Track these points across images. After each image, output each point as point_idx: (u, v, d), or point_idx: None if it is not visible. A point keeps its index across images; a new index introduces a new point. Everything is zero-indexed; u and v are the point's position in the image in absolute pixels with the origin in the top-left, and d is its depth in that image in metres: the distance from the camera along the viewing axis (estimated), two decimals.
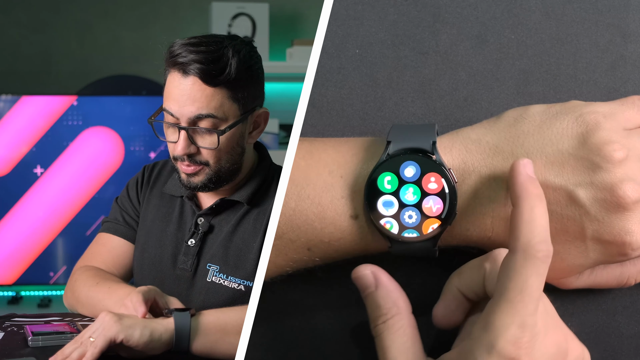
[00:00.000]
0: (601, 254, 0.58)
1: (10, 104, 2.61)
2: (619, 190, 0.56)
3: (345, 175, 0.61)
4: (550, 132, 0.58)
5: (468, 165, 0.60)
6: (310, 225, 0.61)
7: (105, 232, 1.30)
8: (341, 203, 0.60)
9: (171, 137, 1.15)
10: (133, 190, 1.31)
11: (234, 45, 1.12)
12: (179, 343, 0.96)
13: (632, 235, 0.57)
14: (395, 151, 0.60)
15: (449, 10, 0.68)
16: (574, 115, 0.59)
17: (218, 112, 1.11)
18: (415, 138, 0.60)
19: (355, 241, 0.61)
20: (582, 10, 0.67)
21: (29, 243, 2.64)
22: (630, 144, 0.58)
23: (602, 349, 0.64)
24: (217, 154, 1.14)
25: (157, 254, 1.22)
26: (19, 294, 2.72)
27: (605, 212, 0.56)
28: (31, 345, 1.00)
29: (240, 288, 1.15)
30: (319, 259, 0.62)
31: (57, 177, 2.64)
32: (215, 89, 1.10)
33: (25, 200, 2.63)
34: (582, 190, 0.57)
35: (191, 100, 1.10)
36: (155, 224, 1.25)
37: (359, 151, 0.62)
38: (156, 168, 1.33)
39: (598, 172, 0.56)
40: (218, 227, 1.20)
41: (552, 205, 0.57)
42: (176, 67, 1.10)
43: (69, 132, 2.64)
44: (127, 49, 2.95)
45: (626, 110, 0.60)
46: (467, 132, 0.61)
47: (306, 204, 0.61)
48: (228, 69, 1.10)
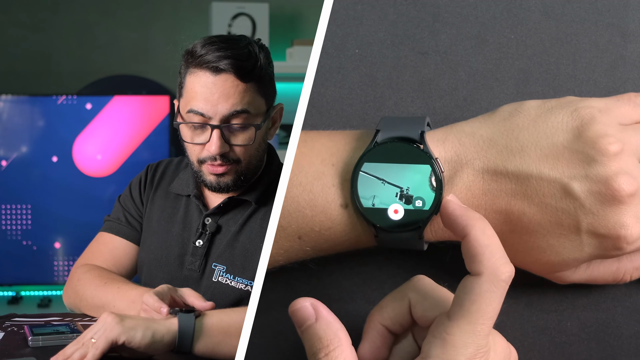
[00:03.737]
0: (596, 248, 0.58)
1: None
2: (614, 183, 0.56)
3: (336, 163, 0.61)
4: (545, 125, 0.58)
5: (461, 158, 0.59)
6: (301, 212, 0.61)
7: (107, 231, 1.30)
8: (332, 191, 0.60)
9: (198, 139, 1.14)
10: (136, 190, 1.31)
11: (253, 42, 1.15)
12: (182, 344, 0.95)
13: (627, 228, 0.56)
14: (383, 139, 0.60)
15: (449, 10, 0.68)
16: (569, 109, 0.59)
17: (251, 108, 1.12)
18: (404, 128, 0.60)
19: (345, 231, 0.61)
20: (581, 10, 0.67)
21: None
22: (626, 139, 0.57)
23: (602, 349, 0.64)
24: (249, 150, 1.14)
25: (163, 255, 1.22)
26: (19, 294, 2.72)
27: (600, 205, 0.56)
28: (31, 345, 1.00)
29: (247, 289, 1.14)
30: (310, 249, 0.62)
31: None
32: (247, 85, 1.11)
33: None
34: (576, 183, 0.57)
35: (225, 97, 1.10)
36: (160, 224, 1.25)
37: (352, 140, 0.62)
38: (160, 167, 1.32)
39: (593, 165, 0.56)
40: (225, 227, 1.20)
41: (546, 198, 0.57)
42: (204, 67, 1.10)
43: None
44: (127, 49, 2.95)
45: (622, 106, 0.60)
46: (462, 125, 0.61)
47: (298, 191, 0.61)
48: (259, 63, 1.12)
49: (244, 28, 2.73)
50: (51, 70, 2.91)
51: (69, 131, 2.69)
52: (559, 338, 0.64)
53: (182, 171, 1.29)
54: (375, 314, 0.59)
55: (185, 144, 1.16)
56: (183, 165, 1.30)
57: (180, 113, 1.16)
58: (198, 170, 1.17)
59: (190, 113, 1.12)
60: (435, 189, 0.59)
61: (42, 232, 2.69)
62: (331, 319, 0.56)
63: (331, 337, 0.55)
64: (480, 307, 0.52)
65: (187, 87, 1.13)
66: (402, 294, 0.58)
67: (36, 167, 2.69)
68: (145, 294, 1.02)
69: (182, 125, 1.14)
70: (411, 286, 0.58)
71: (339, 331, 0.56)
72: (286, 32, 3.00)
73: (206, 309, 1.00)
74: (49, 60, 2.91)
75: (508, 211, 0.58)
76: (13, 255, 2.65)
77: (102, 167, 2.73)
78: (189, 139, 1.15)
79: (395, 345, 0.59)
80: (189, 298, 1.03)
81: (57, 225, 2.70)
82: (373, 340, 0.59)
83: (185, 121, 1.13)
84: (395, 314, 0.58)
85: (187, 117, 1.13)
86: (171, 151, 2.69)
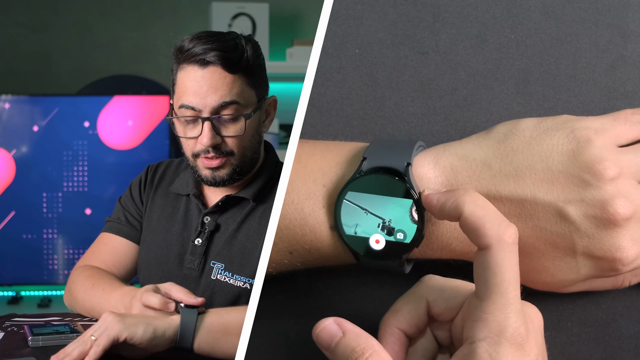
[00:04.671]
0: (592, 269, 0.58)
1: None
2: (610, 206, 0.55)
3: (327, 184, 0.61)
4: (540, 148, 0.58)
5: (452, 183, 0.59)
6: (292, 230, 0.61)
7: (108, 231, 1.30)
8: (322, 213, 0.61)
9: (191, 133, 1.15)
10: (136, 190, 1.31)
11: (240, 36, 1.16)
12: (183, 340, 0.96)
13: (622, 251, 0.56)
14: (368, 169, 0.60)
15: (449, 10, 0.68)
16: (565, 131, 0.58)
17: (240, 99, 1.13)
18: (391, 156, 0.60)
19: (334, 252, 0.61)
20: (582, 10, 0.67)
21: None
22: (623, 162, 0.57)
23: (602, 349, 0.64)
24: (241, 142, 1.15)
25: (163, 254, 1.22)
26: (19, 294, 2.72)
27: (595, 228, 0.56)
28: (31, 345, 1.00)
29: (245, 286, 1.15)
30: (300, 264, 0.63)
31: None
32: (235, 76, 1.13)
33: None
34: (572, 207, 0.56)
35: (213, 89, 1.11)
36: (160, 223, 1.25)
37: (344, 160, 0.62)
38: (160, 168, 1.33)
39: (588, 189, 0.56)
40: (224, 225, 1.20)
41: (541, 222, 0.57)
42: (192, 61, 1.12)
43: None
44: (127, 49, 2.95)
45: (618, 126, 0.59)
46: (455, 147, 0.60)
47: (290, 209, 0.61)
48: (245, 54, 1.14)
49: (244, 28, 2.73)
50: (51, 70, 2.91)
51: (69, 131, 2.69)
52: (559, 338, 0.64)
53: (182, 172, 1.29)
54: (391, 319, 0.58)
55: (179, 139, 1.18)
56: (183, 166, 1.31)
57: (173, 109, 1.18)
58: (193, 165, 1.18)
59: (182, 108, 1.14)
60: (418, 222, 0.59)
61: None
62: (358, 330, 0.56)
63: (364, 346, 0.54)
64: (504, 277, 0.52)
65: (178, 83, 1.15)
66: (417, 296, 0.58)
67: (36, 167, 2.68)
68: (137, 293, 1.02)
69: (175, 120, 1.16)
70: (425, 286, 0.58)
71: (369, 339, 0.55)
72: (286, 32, 3.00)
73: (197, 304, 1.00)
74: (49, 60, 2.91)
75: None
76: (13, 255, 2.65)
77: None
78: (182, 133, 1.16)
79: (411, 347, 0.59)
80: (174, 294, 1.02)
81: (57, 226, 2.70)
82: (391, 346, 0.57)
83: (177, 116, 1.15)
84: (411, 316, 0.58)
85: (179, 112, 1.15)
86: (171, 151, 2.69)
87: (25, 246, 2.66)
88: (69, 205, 2.67)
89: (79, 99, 2.69)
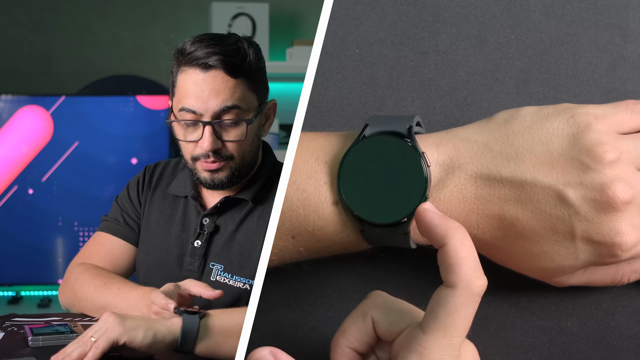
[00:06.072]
0: (591, 255, 0.57)
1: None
2: (609, 190, 0.55)
3: (329, 160, 0.61)
4: (540, 132, 0.58)
5: (454, 162, 0.59)
6: (295, 211, 0.60)
7: (105, 231, 1.30)
8: (324, 189, 0.60)
9: (191, 136, 1.14)
10: (134, 191, 1.31)
11: (242, 39, 1.16)
12: (184, 344, 0.96)
13: (622, 236, 0.56)
14: (371, 133, 0.60)
15: (449, 10, 0.68)
16: (566, 116, 0.58)
17: (242, 103, 1.13)
18: (392, 123, 0.60)
19: (337, 230, 0.61)
20: (582, 10, 0.67)
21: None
22: (623, 147, 0.57)
23: (602, 349, 0.64)
24: (242, 147, 1.15)
25: (162, 256, 1.22)
26: (19, 294, 2.72)
27: (595, 212, 0.56)
28: (31, 345, 1.00)
29: (245, 287, 1.15)
30: (304, 249, 0.62)
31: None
32: (237, 80, 1.12)
33: None
34: (571, 190, 0.56)
35: (215, 93, 1.11)
36: (159, 225, 1.25)
37: (347, 139, 0.62)
38: (158, 169, 1.33)
39: (588, 173, 0.56)
40: (223, 226, 1.20)
41: (540, 205, 0.57)
42: (193, 64, 1.11)
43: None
44: (127, 49, 2.95)
45: (619, 113, 0.59)
46: (457, 131, 0.61)
47: (292, 190, 0.60)
48: (248, 58, 1.13)
49: (244, 28, 2.73)
50: (51, 70, 2.91)
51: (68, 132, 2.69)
52: (559, 338, 0.64)
53: (179, 172, 1.29)
54: (340, 339, 0.58)
55: (178, 142, 1.17)
56: (180, 166, 1.30)
57: (173, 112, 1.17)
58: (192, 168, 1.17)
59: (183, 111, 1.13)
60: (423, 180, 0.58)
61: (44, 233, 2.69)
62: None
63: None
64: (455, 320, 0.52)
65: (179, 86, 1.14)
66: (362, 313, 0.58)
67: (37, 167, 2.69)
68: (152, 293, 1.02)
69: (175, 123, 1.15)
70: (370, 303, 0.58)
71: None
72: (286, 32, 3.00)
73: (214, 297, 1.00)
74: (49, 60, 2.91)
75: (501, 216, 0.58)
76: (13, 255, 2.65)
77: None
78: (182, 136, 1.16)
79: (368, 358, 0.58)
80: (193, 289, 1.02)
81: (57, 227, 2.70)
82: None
83: (177, 119, 1.14)
84: (360, 334, 0.57)
85: (179, 115, 1.14)
86: (171, 151, 2.69)
87: (25, 246, 2.66)
88: (69, 205, 2.67)
89: (79, 99, 2.69)
